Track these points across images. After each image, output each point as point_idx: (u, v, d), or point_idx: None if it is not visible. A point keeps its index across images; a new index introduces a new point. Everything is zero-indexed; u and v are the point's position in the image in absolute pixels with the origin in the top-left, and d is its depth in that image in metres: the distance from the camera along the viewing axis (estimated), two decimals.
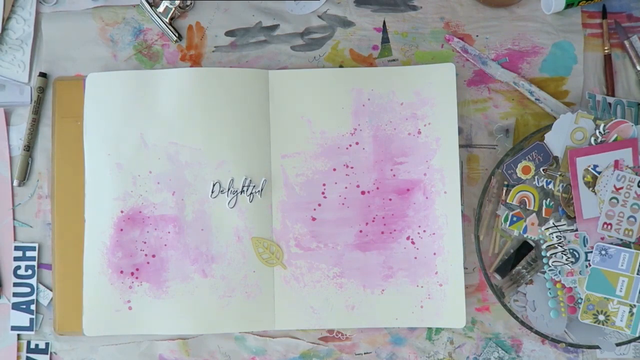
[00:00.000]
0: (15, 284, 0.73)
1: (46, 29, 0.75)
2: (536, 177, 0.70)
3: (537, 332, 0.70)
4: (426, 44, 0.75)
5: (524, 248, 0.71)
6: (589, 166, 0.68)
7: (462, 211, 0.72)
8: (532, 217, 0.70)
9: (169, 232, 0.72)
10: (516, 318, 0.70)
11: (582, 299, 0.68)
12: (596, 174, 0.68)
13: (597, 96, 0.73)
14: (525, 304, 0.71)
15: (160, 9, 0.75)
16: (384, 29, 0.76)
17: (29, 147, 0.74)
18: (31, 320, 0.73)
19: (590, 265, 0.68)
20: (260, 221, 0.72)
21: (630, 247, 0.68)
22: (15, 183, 0.74)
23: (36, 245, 0.73)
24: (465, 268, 0.72)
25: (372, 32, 0.76)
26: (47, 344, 0.73)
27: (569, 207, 0.69)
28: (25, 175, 0.74)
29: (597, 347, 0.69)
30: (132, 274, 0.72)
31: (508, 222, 0.70)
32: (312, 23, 0.76)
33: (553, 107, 0.73)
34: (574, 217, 0.69)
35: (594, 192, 0.68)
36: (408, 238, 0.72)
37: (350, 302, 0.71)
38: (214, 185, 0.72)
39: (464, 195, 0.73)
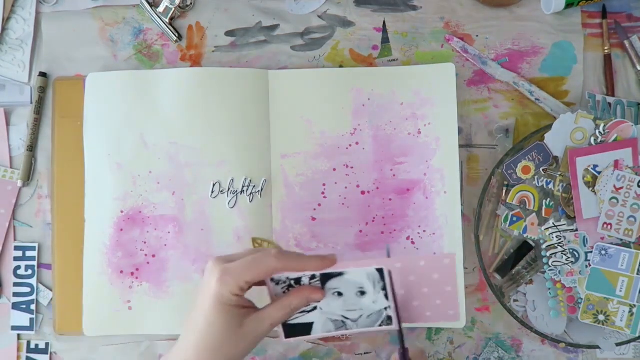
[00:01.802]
0: (15, 284, 0.73)
1: (46, 29, 0.75)
2: (536, 177, 0.70)
3: (537, 332, 0.70)
4: (426, 44, 0.75)
5: (524, 248, 0.71)
6: (589, 166, 0.68)
7: (462, 211, 0.72)
8: (532, 217, 0.70)
9: (169, 232, 0.72)
10: (516, 318, 0.70)
11: (582, 299, 0.68)
12: (596, 174, 0.68)
13: (597, 96, 0.73)
14: (525, 304, 0.71)
15: (160, 9, 0.75)
16: (384, 29, 0.76)
17: (32, 147, 0.74)
18: (31, 320, 0.73)
19: (590, 265, 0.68)
20: (260, 221, 0.72)
21: (630, 247, 0.68)
22: (20, 184, 0.74)
23: (36, 245, 0.73)
24: (465, 268, 0.72)
25: (372, 32, 0.76)
26: (47, 344, 0.73)
27: (569, 207, 0.69)
28: (29, 176, 0.74)
29: (597, 347, 0.69)
30: (132, 274, 0.72)
31: (508, 222, 0.70)
32: (312, 23, 0.76)
33: (553, 107, 0.73)
34: (574, 217, 0.69)
35: (594, 192, 0.68)
36: (408, 238, 0.72)
37: None
38: (214, 185, 0.72)
39: (464, 195, 0.73)
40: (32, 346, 0.73)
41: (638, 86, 0.75)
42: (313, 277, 0.54)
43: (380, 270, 0.53)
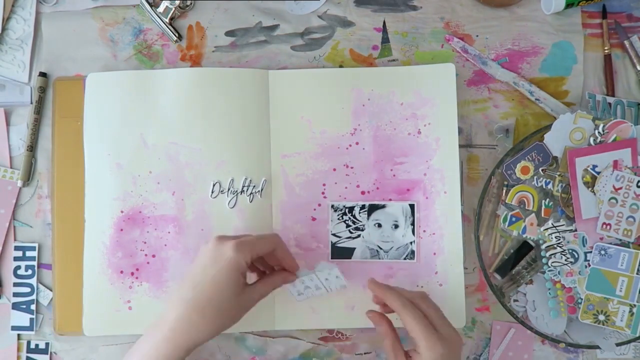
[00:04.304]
0: (15, 284, 0.73)
1: (46, 29, 0.75)
2: (535, 177, 0.70)
3: (537, 332, 0.70)
4: (426, 44, 0.75)
5: (524, 248, 0.71)
6: (588, 166, 0.68)
7: (462, 211, 0.72)
8: (531, 217, 0.70)
9: (169, 232, 0.72)
10: (516, 318, 0.70)
11: (582, 299, 0.68)
12: (595, 174, 0.68)
13: (597, 96, 0.73)
14: (525, 304, 0.71)
15: (160, 9, 0.75)
16: (384, 29, 0.76)
17: (32, 147, 0.74)
18: (31, 320, 0.73)
19: (589, 266, 0.68)
20: (260, 221, 0.72)
21: (629, 247, 0.68)
22: (20, 184, 0.74)
23: (36, 245, 0.73)
24: (465, 268, 0.72)
25: (372, 32, 0.76)
26: (47, 344, 0.73)
27: (568, 207, 0.69)
28: (29, 176, 0.74)
29: (597, 347, 0.69)
30: (132, 274, 0.72)
31: (507, 223, 0.70)
32: (312, 23, 0.76)
33: (553, 107, 0.73)
34: (573, 218, 0.69)
35: (593, 192, 0.68)
36: None
37: (350, 302, 0.71)
38: (214, 185, 0.72)
39: (464, 195, 0.73)
40: (32, 346, 0.73)
41: (638, 86, 0.75)
42: (363, 207, 0.70)
43: (412, 206, 0.70)
